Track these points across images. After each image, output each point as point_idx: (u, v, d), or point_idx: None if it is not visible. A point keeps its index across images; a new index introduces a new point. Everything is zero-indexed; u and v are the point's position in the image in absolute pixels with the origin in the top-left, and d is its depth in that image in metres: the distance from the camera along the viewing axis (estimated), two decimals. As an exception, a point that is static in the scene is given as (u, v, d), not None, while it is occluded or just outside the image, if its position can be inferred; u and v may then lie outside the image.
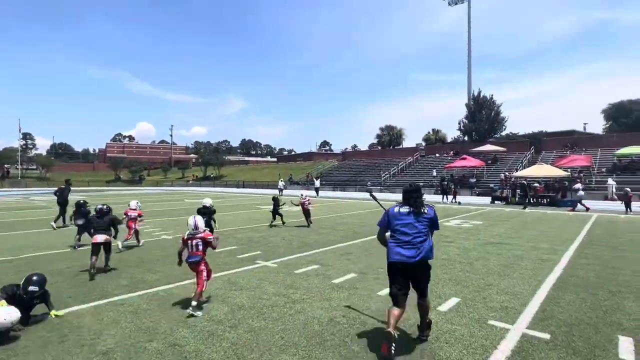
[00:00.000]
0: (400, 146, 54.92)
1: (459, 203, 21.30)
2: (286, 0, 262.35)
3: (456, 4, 44.81)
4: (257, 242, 8.97)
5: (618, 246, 8.42)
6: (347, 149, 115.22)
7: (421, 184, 26.12)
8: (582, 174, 25.64)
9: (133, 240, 8.50)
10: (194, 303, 4.28)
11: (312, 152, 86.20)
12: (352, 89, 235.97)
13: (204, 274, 4.55)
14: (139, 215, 8.57)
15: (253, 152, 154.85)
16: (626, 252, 7.71)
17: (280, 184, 33.08)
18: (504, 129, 42.89)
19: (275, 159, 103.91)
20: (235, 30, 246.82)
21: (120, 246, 7.83)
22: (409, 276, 3.41)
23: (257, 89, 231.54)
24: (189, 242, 4.62)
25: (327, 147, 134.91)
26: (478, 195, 28.38)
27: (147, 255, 7.58)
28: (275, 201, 11.91)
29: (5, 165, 70.51)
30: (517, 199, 21.07)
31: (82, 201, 9.08)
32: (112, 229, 6.56)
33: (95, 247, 6.05)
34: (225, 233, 10.50)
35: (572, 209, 17.44)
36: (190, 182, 67.52)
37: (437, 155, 41.95)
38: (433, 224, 3.53)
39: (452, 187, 23.17)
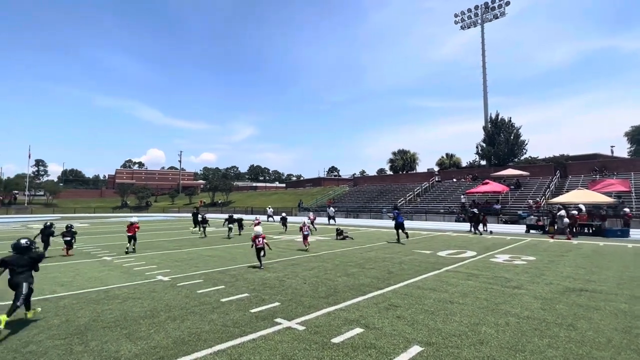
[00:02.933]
0: (414, 171, 53.15)
1: (491, 232, 19.26)
2: (290, 31, 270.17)
3: (469, 27, 44.38)
4: (273, 287, 7.15)
5: None
6: (355, 174, 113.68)
7: (441, 210, 23.96)
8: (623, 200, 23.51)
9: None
10: (308, 247, 12.65)
11: (321, 177, 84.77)
12: (358, 115, 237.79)
13: (308, 239, 12.92)
14: (258, 222, 16.71)
15: (261, 178, 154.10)
16: None
17: (269, 211, 33.50)
18: (525, 153, 41.04)
19: (283, 185, 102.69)
20: (243, 60, 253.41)
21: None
22: (400, 225, 15.04)
23: (265, 116, 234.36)
24: (304, 227, 12.76)
25: (335, 173, 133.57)
26: (505, 222, 26.24)
27: (131, 308, 5.80)
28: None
29: (14, 192, 70.19)
30: (555, 228, 18.95)
31: (232, 215, 19.08)
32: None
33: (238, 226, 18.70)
34: (233, 272, 8.71)
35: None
36: (198, 208, 66.12)
37: (455, 180, 40.04)
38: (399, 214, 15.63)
39: (481, 214, 21.16)
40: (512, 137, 39.37)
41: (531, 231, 19.65)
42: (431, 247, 13.63)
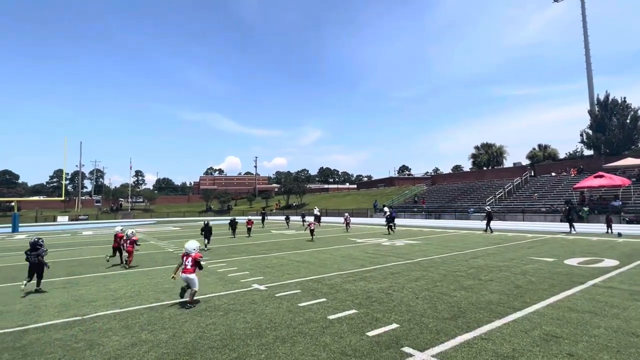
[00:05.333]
0: (501, 166, 48.05)
1: (619, 235, 15.97)
2: (353, 30, 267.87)
3: (564, -1, 38.69)
4: (382, 302, 6.21)
5: None
6: (428, 172, 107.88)
7: (543, 209, 20.60)
8: None
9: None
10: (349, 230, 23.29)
11: (393, 177, 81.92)
12: (428, 110, 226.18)
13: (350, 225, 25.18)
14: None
15: (331, 180, 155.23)
16: None
17: (316, 211, 33.14)
18: (647, 138, 34.18)
19: (354, 186, 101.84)
20: (309, 64, 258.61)
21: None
22: (391, 220, 21.12)
23: (331, 118, 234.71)
24: (347, 218, 25.06)
25: (407, 172, 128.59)
26: (629, 222, 21.87)
27: (235, 323, 5.31)
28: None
29: (120, 199, 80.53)
30: None
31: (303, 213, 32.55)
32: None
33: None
34: (328, 282, 7.97)
35: None
36: (274, 210, 68.48)
37: (553, 174, 35.06)
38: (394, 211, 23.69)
39: (609, 213, 17.78)
40: (628, 121, 33.05)
41: (676, 233, 15.84)
42: (551, 253, 11.47)
